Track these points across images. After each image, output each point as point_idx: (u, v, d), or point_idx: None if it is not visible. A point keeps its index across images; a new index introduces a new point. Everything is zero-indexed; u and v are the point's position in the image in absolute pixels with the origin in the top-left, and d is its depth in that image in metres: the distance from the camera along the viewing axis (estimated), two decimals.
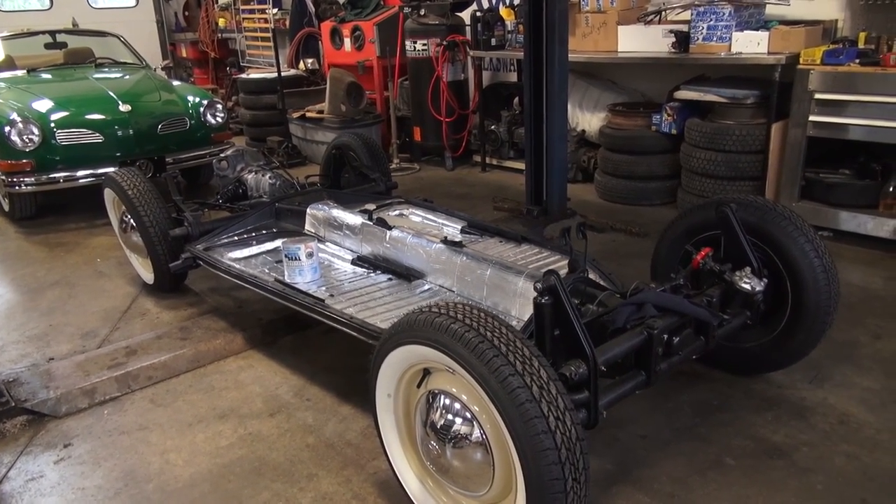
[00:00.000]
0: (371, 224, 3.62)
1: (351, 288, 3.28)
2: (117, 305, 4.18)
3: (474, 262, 3.07)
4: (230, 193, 4.61)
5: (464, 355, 1.83)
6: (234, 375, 3.32)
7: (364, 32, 7.64)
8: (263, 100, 8.12)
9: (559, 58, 4.83)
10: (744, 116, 4.95)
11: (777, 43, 4.69)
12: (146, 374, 3.28)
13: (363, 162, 4.87)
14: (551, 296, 2.05)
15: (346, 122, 7.24)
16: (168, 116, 6.04)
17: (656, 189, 5.65)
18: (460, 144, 7.26)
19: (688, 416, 2.81)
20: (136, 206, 3.96)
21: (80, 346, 3.64)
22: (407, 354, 2.06)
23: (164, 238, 3.94)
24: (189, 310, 4.04)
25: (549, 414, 1.74)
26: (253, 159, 4.80)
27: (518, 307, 2.88)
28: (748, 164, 4.91)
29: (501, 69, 7.39)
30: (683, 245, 3.09)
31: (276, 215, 4.19)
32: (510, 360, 1.78)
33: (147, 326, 3.84)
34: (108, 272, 4.74)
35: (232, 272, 3.49)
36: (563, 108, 5.02)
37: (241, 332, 3.64)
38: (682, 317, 2.39)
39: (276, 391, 3.15)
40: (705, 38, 5.03)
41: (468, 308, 1.96)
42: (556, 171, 5.12)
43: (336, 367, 3.34)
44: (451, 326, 1.88)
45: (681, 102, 5.32)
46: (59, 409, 3.05)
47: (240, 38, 10.59)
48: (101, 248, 5.23)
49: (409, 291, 3.22)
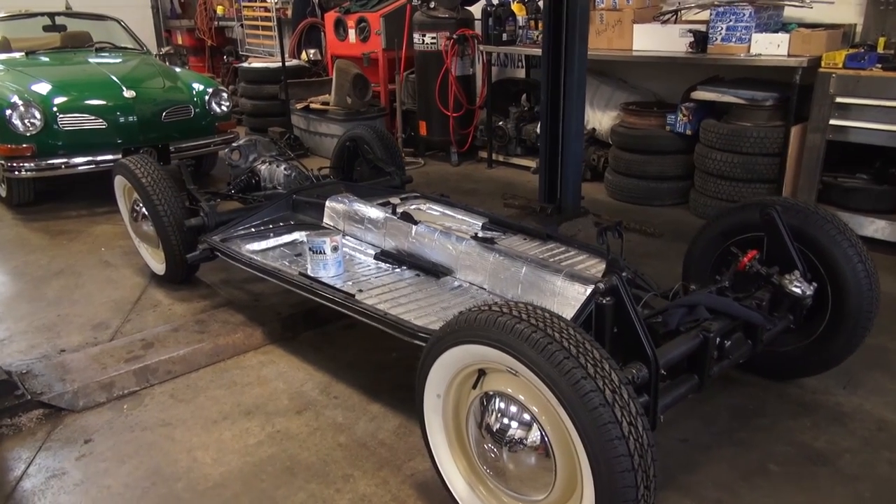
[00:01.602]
0: (395, 218, 3.54)
1: (378, 283, 3.20)
2: (126, 296, 4.06)
3: (508, 260, 3.01)
4: (243, 184, 4.50)
5: (531, 357, 1.76)
6: (255, 371, 3.23)
7: (370, 24, 7.53)
8: (265, 89, 7.98)
9: (579, 54, 4.77)
10: (761, 119, 4.93)
11: (798, 46, 4.68)
12: (165, 368, 3.18)
13: (377, 155, 4.79)
14: (613, 297, 2.00)
15: (351, 114, 7.13)
16: (172, 104, 5.91)
17: (668, 189, 5.63)
18: (466, 140, 7.19)
19: (725, 421, 2.77)
20: (151, 195, 3.84)
21: (92, 338, 3.53)
22: (463, 354, 1.99)
23: (179, 228, 3.83)
24: (202, 302, 3.94)
25: (623, 419, 1.68)
26: (266, 149, 4.69)
27: (555, 306, 2.81)
28: (765, 167, 4.89)
29: (509, 65, 7.32)
30: (719, 246, 3.05)
31: (293, 207, 4.08)
32: (581, 362, 1.72)
33: (160, 319, 3.74)
34: (115, 262, 4.62)
35: (254, 265, 3.40)
36: (580, 106, 4.96)
37: (260, 326, 3.55)
38: (734, 320, 2.34)
39: (302, 388, 3.07)
40: (724, 39, 5.00)
41: (532, 308, 1.90)
42: (570, 169, 5.07)
43: (360, 364, 3.27)
44: (516, 326, 1.81)
45: (696, 103, 5.29)
46: (76, 403, 2.94)
47: (237, 27, 10.43)
48: (105, 236, 5.10)
49: (439, 288, 3.15)
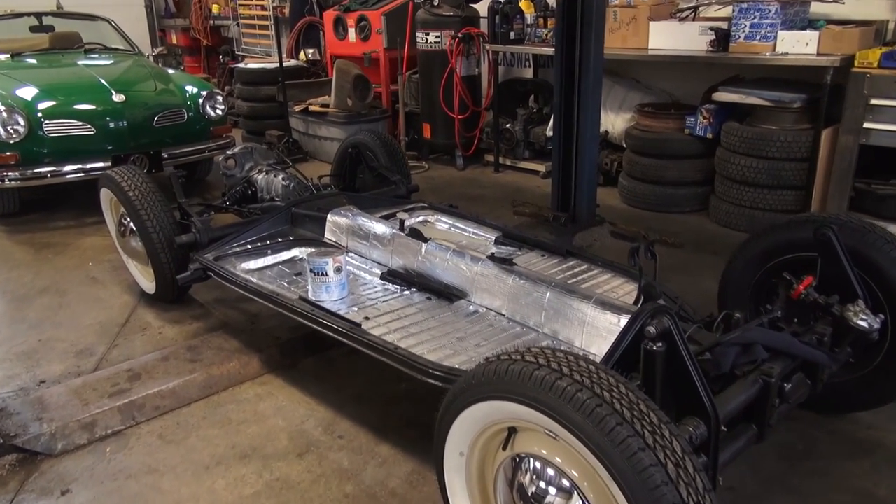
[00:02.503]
0: (403, 235, 3.26)
1: (386, 309, 2.92)
2: (114, 318, 3.78)
3: (529, 284, 2.73)
4: (238, 195, 4.22)
5: (577, 422, 1.49)
6: (252, 405, 2.95)
7: (371, 22, 7.24)
8: (262, 91, 7.69)
9: (594, 54, 4.49)
10: (787, 121, 4.65)
11: (828, 44, 4.39)
12: (153, 404, 2.90)
13: (381, 162, 4.51)
14: (665, 342, 1.72)
15: (352, 116, 6.85)
16: (165, 108, 5.62)
17: (687, 195, 5.35)
18: (472, 143, 6.91)
19: (774, 464, 2.49)
20: (138, 209, 3.56)
21: (75, 367, 3.24)
22: (491, 411, 1.72)
23: (169, 245, 3.56)
24: (195, 324, 3.66)
25: (689, 499, 1.40)
26: (263, 157, 4.41)
27: (583, 338, 2.55)
28: (792, 173, 4.61)
29: (516, 65, 7.04)
30: (760, 268, 2.77)
31: (292, 221, 3.81)
32: (637, 429, 1.44)
33: (149, 344, 3.46)
34: (102, 278, 4.33)
35: (250, 287, 3.11)
36: (596, 108, 4.69)
37: (257, 353, 3.27)
38: (794, 359, 2.07)
39: (303, 426, 2.79)
40: (748, 37, 4.71)
41: (573, 358, 1.62)
42: (585, 176, 4.80)
43: (367, 396, 2.99)
44: (557, 384, 1.53)
45: (717, 104, 5.01)
46: (54, 446, 2.66)
47: (233, 26, 10.13)
48: (93, 249, 4.81)
49: (453, 314, 2.87)
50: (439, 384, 2.30)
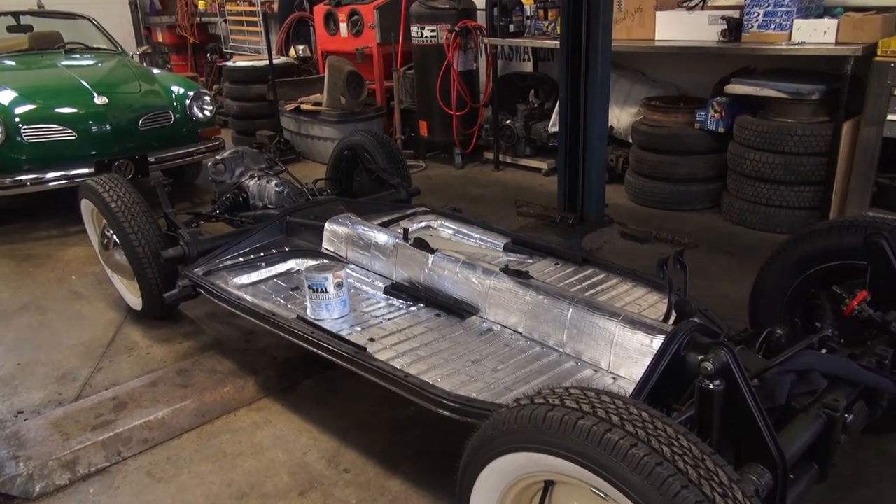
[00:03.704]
0: (408, 246, 3.03)
1: (392, 328, 2.69)
2: (98, 337, 3.54)
3: (549, 299, 2.50)
4: (229, 202, 3.97)
5: (634, 484, 1.26)
6: (248, 435, 2.71)
7: (363, 17, 6.99)
8: (252, 90, 7.42)
9: (602, 47, 4.28)
10: (804, 114, 4.44)
11: (847, 32, 4.17)
12: (140, 436, 2.66)
13: (380, 164, 4.27)
14: (724, 379, 1.50)
15: (346, 115, 6.61)
16: (150, 110, 5.36)
17: (698, 193, 5.13)
18: (470, 140, 6.67)
19: (821, 493, 2.28)
20: (121, 222, 3.32)
21: (56, 395, 3.00)
22: (525, 462, 1.49)
23: (156, 260, 3.31)
24: (185, 343, 3.42)
25: None
26: (254, 162, 4.16)
27: (611, 359, 2.32)
28: (810, 168, 4.40)
29: (514, 58, 6.80)
30: (796, 278, 2.56)
31: (287, 230, 3.57)
32: (706, 492, 1.22)
33: (136, 366, 3.22)
34: (86, 293, 4.09)
35: (243, 307, 2.87)
36: (604, 104, 4.48)
37: (253, 375, 3.03)
38: (854, 387, 1.85)
39: (304, 458, 2.56)
40: (761, 26, 4.50)
41: (619, 402, 1.40)
42: (593, 175, 4.59)
43: (373, 423, 2.76)
44: (607, 437, 1.31)
45: (730, 97, 4.79)
46: (31, 488, 2.42)
47: (220, 22, 9.85)
48: (77, 262, 4.56)
49: (465, 332, 2.64)
50: (456, 417, 2.09)
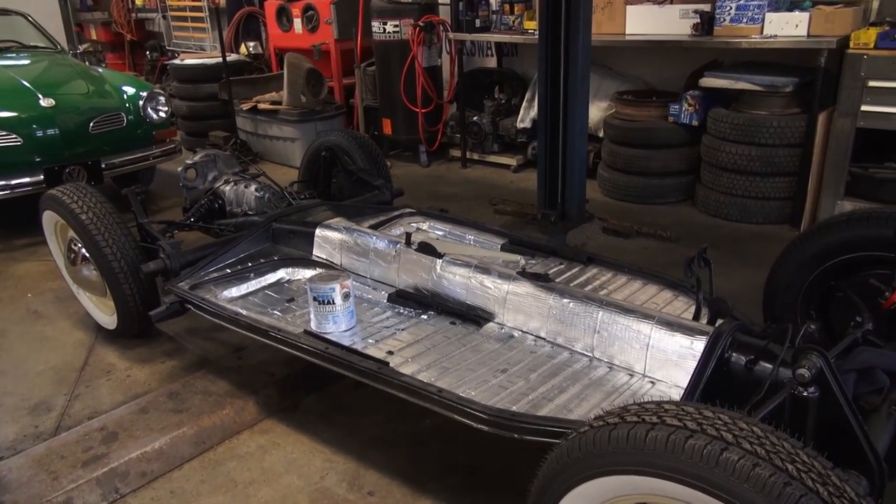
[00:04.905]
0: (412, 251, 2.89)
1: (408, 339, 2.55)
2: (69, 360, 3.26)
3: (576, 303, 2.42)
4: (204, 209, 3.73)
5: None
6: (257, 461, 2.53)
7: (318, 12, 6.77)
8: (203, 89, 7.07)
9: (582, 42, 4.23)
10: (777, 106, 4.51)
11: (819, 25, 4.25)
12: (138, 470, 2.44)
13: (360, 165, 4.10)
14: (819, 387, 1.43)
15: (307, 114, 6.38)
16: (100, 112, 5.01)
17: (672, 186, 5.16)
18: (436, 138, 6.54)
19: None
20: (94, 235, 3.05)
21: (32, 428, 2.73)
22: (620, 485, 1.39)
23: (134, 274, 3.07)
24: (168, 363, 3.19)
25: None
26: (227, 166, 3.93)
27: (647, 362, 2.25)
28: (785, 159, 4.48)
29: (477, 54, 6.70)
30: (814, 271, 2.55)
31: (274, 237, 3.37)
32: None
33: (118, 391, 2.97)
34: (46, 311, 3.77)
35: (241, 322, 2.67)
36: (584, 99, 4.44)
37: (252, 395, 2.84)
38: None
39: (323, 482, 2.40)
40: (734, 20, 4.54)
41: (726, 417, 1.31)
42: (574, 171, 4.55)
43: (389, 439, 2.62)
44: (725, 457, 1.22)
45: (703, 91, 4.82)
46: None
47: (158, 18, 9.38)
48: (30, 278, 4.21)
49: (485, 339, 2.53)
50: (502, 433, 1.97)
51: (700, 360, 2.05)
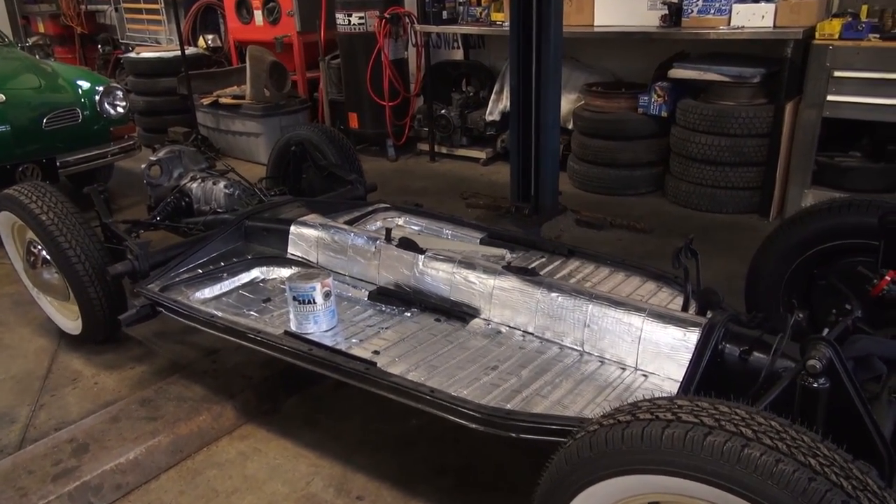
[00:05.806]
0: (393, 247, 2.82)
1: (394, 338, 2.48)
2: (31, 368, 3.10)
3: (565, 297, 2.38)
4: (170, 208, 3.59)
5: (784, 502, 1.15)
6: (238, 468, 2.43)
7: (280, 4, 6.61)
8: (160, 83, 6.84)
9: (554, 33, 4.20)
10: (744, 97, 4.56)
11: (785, 16, 4.31)
12: (112, 483, 2.32)
13: (331, 160, 4.00)
14: (829, 378, 1.42)
15: (271, 108, 6.23)
16: (54, 107, 4.78)
17: (642, 177, 5.19)
18: (403, 131, 6.46)
19: None
20: (55, 236, 2.90)
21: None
22: (634, 485, 1.36)
23: (100, 277, 2.93)
24: (138, 368, 3.06)
25: None
26: (193, 162, 3.79)
27: (639, 355, 2.23)
28: (753, 149, 4.53)
29: (443, 46, 6.63)
30: (795, 260, 2.57)
31: (247, 236, 3.26)
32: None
33: (85, 400, 2.83)
34: (4, 318, 3.59)
35: (218, 325, 2.57)
36: (556, 91, 4.42)
37: (228, 399, 2.73)
38: None
39: (309, 488, 2.32)
40: (701, 11, 4.58)
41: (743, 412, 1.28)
42: (547, 164, 4.52)
43: (375, 441, 2.55)
44: (746, 452, 1.19)
45: (671, 82, 4.85)
46: None
47: (110, 11, 9.05)
48: None
49: (472, 336, 2.48)
50: (498, 433, 1.93)
51: (695, 351, 2.04)
